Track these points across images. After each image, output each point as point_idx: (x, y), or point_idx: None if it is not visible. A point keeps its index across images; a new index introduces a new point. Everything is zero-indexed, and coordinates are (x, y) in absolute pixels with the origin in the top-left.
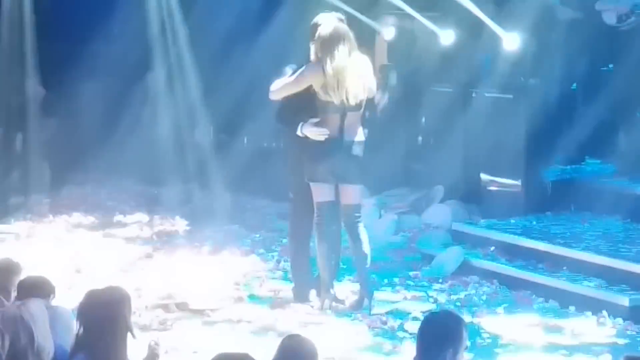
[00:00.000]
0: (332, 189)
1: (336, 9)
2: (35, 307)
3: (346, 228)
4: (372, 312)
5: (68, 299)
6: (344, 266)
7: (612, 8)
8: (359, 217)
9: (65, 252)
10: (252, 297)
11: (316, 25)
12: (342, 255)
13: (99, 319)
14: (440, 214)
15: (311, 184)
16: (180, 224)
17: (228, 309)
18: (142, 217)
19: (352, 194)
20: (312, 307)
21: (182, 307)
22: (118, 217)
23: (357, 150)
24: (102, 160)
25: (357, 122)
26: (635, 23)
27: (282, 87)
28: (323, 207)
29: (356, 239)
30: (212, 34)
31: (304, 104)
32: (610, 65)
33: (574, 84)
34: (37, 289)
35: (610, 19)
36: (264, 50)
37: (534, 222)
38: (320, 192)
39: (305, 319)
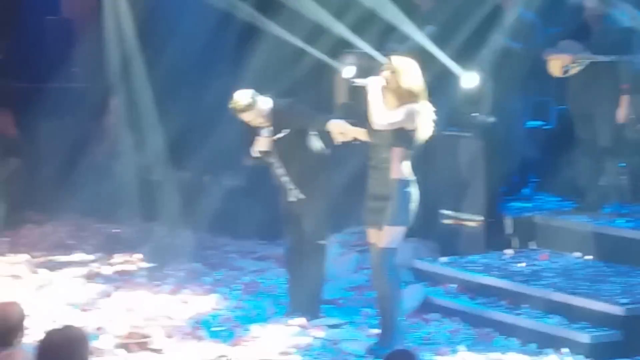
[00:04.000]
0: None
1: (293, 46)
2: (20, 358)
3: None
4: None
5: (27, 338)
6: None
7: (556, 58)
8: None
9: (26, 291)
10: (213, 336)
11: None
12: None
13: (57, 359)
14: (401, 251)
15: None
16: (140, 263)
17: (189, 347)
18: (103, 255)
19: None
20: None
21: (143, 346)
22: (79, 256)
23: None
24: (62, 199)
25: None
26: (579, 72)
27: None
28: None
29: None
30: (174, 69)
31: None
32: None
33: (532, 122)
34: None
35: (556, 70)
36: (224, 88)
37: (495, 259)
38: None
39: (266, 357)
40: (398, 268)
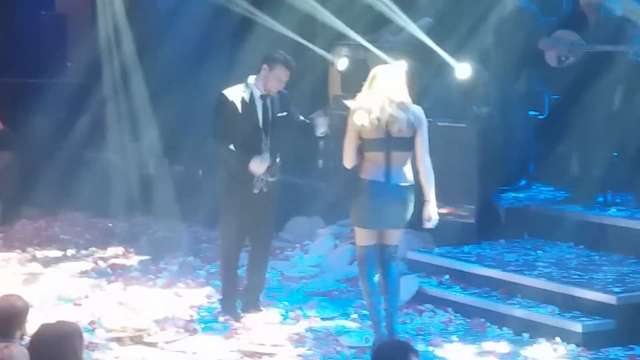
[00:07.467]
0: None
1: (287, 39)
2: (17, 351)
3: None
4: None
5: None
6: None
7: (551, 48)
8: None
9: (19, 286)
10: (207, 329)
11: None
12: None
13: (49, 353)
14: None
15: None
16: (134, 256)
17: (183, 341)
18: (96, 250)
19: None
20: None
21: (136, 340)
22: (72, 251)
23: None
24: (55, 195)
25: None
26: (575, 62)
27: (346, 149)
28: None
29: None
30: (169, 63)
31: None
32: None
33: (527, 112)
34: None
35: (551, 60)
36: (219, 81)
37: (488, 250)
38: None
39: (260, 350)
40: (363, 264)
